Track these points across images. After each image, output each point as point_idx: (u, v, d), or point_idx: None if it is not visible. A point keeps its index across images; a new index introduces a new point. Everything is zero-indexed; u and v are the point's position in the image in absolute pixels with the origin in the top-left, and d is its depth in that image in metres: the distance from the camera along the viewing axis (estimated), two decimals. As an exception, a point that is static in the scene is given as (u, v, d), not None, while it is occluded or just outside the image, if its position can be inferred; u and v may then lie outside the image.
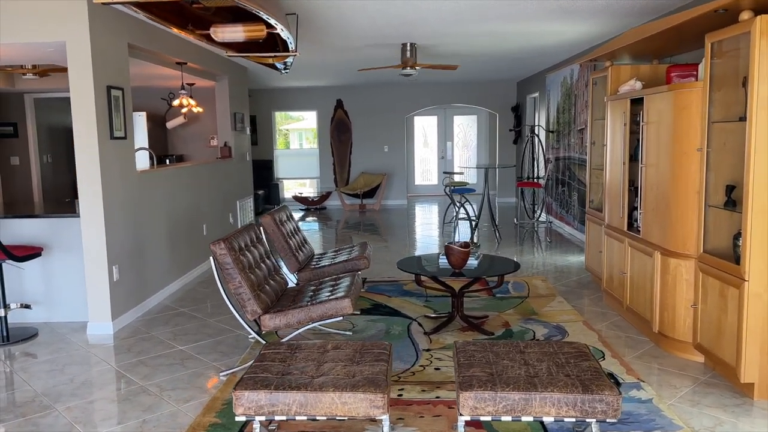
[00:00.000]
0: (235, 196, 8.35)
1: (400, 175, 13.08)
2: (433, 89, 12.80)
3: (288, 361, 2.83)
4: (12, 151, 9.32)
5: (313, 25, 5.83)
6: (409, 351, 4.18)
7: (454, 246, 4.43)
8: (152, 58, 6.07)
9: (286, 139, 14.18)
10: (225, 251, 3.71)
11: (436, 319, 4.87)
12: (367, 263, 5.03)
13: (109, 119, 4.81)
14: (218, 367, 4.01)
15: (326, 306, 3.79)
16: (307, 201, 12.40)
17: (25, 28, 4.50)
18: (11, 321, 5.00)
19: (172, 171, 6.16)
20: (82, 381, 3.84)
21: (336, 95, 12.81)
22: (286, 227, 5.22)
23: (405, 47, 7.04)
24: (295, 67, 9.09)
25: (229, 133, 8.20)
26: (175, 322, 5.04)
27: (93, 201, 4.69)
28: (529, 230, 9.34)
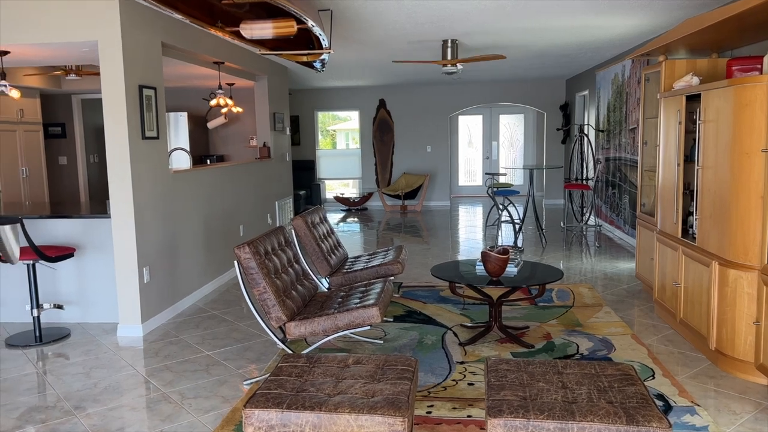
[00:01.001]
0: (273, 197, 8.28)
1: (443, 176, 12.81)
2: (478, 88, 12.48)
3: (305, 375, 2.65)
4: (60, 151, 9.52)
5: (348, 21, 5.66)
6: (441, 363, 3.95)
7: (491, 252, 4.18)
8: (188, 58, 6.02)
9: (333, 140, 14.11)
10: (249, 255, 3.57)
11: (473, 329, 4.62)
12: (400, 268, 4.82)
13: (140, 119, 4.76)
14: (243, 375, 3.88)
15: (353, 314, 3.60)
16: (348, 202, 12.28)
17: (59, 29, 4.48)
18: (45, 321, 5.02)
19: (207, 171, 6.10)
20: (105, 386, 3.77)
21: (378, 95, 12.64)
22: (319, 229, 5.07)
23: (446, 44, 6.80)
24: (335, 66, 8.96)
25: (268, 134, 8.13)
26: (205, 325, 4.96)
27: (123, 201, 4.65)
28: (576, 234, 8.94)
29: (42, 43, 4.59)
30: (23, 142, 7.91)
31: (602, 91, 9.29)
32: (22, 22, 4.49)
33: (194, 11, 3.87)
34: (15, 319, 5.11)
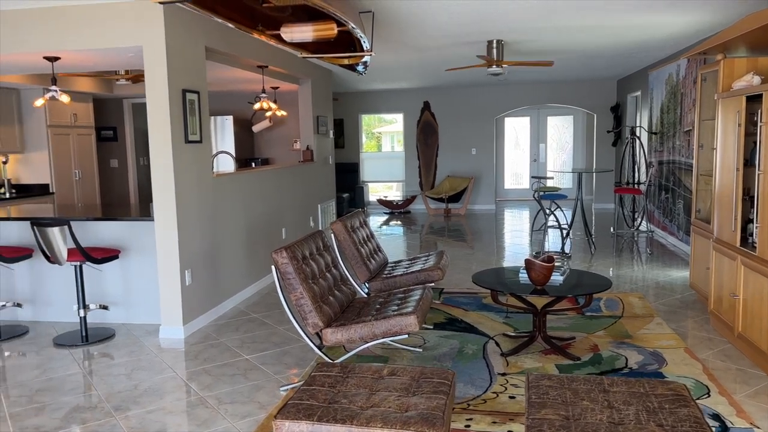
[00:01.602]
0: (316, 200, 8.28)
1: (488, 179, 12.59)
2: (526, 89, 12.23)
3: (338, 386, 2.58)
4: (111, 154, 9.78)
5: (390, 23, 5.59)
6: (482, 374, 3.82)
7: (535, 260, 4.02)
8: (232, 62, 6.07)
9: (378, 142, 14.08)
10: (287, 260, 3.54)
11: (516, 339, 4.47)
12: (440, 275, 4.71)
13: (183, 123, 4.80)
14: (280, 381, 3.85)
15: (390, 322, 3.52)
16: (391, 205, 12.21)
17: (105, 35, 4.57)
18: (91, 321, 5.12)
19: (250, 175, 6.13)
20: (145, 388, 3.79)
21: (423, 97, 12.54)
22: (359, 234, 5.01)
23: (491, 45, 6.65)
24: (378, 68, 8.92)
25: (312, 137, 8.14)
26: (245, 328, 4.96)
27: (166, 205, 4.69)
28: (627, 240, 8.62)
29: (89, 49, 4.69)
30: (76, 145, 8.14)
31: (655, 92, 8.94)
32: (71, 29, 4.59)
33: (234, 15, 3.86)
34: (63, 318, 5.24)
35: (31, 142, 7.60)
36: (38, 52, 4.80)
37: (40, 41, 4.65)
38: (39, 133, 7.58)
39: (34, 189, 7.63)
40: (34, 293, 5.26)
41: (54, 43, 4.64)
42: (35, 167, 7.64)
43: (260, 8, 4.15)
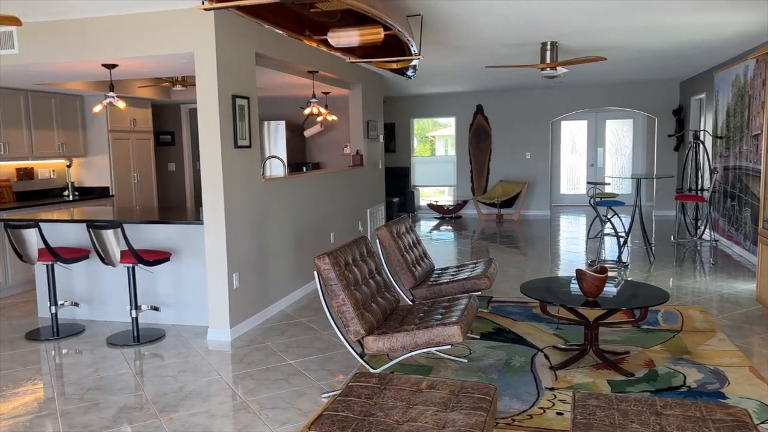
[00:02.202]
0: (365, 204, 8.27)
1: (543, 184, 12.30)
2: (583, 91, 11.88)
3: (375, 398, 2.52)
4: (169, 158, 10.06)
5: (439, 26, 5.51)
6: (529, 388, 3.69)
7: (587, 271, 3.86)
8: (282, 67, 6.12)
9: (432, 146, 13.98)
10: (329, 266, 3.51)
11: (566, 352, 4.30)
12: (488, 283, 4.59)
13: (233, 128, 4.86)
14: (322, 387, 3.82)
15: (433, 332, 3.44)
16: (442, 209, 12.09)
17: (159, 42, 4.67)
18: (143, 321, 5.25)
19: (298, 179, 6.16)
20: (190, 390, 3.84)
21: (475, 101, 12.37)
22: (404, 240, 4.95)
23: (545, 46, 6.47)
24: (429, 72, 8.84)
25: (362, 141, 8.13)
26: (290, 332, 4.97)
27: (215, 209, 4.76)
28: (689, 249, 8.23)
29: (144, 56, 4.81)
30: (135, 149, 8.41)
31: (721, 94, 8.51)
32: (127, 37, 4.72)
33: (282, 20, 3.87)
34: (117, 318, 5.39)
35: (93, 147, 7.89)
36: (97, 60, 4.96)
37: (99, 49, 4.80)
38: (100, 137, 7.86)
39: (95, 191, 7.92)
40: (91, 293, 5.43)
41: (111, 51, 4.78)
42: (97, 170, 7.93)
43: (308, 14, 4.15)
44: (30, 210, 6.58)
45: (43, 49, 4.90)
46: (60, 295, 5.46)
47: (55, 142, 7.37)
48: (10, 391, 3.88)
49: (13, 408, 3.62)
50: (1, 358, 4.51)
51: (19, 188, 7.21)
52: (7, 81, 6.14)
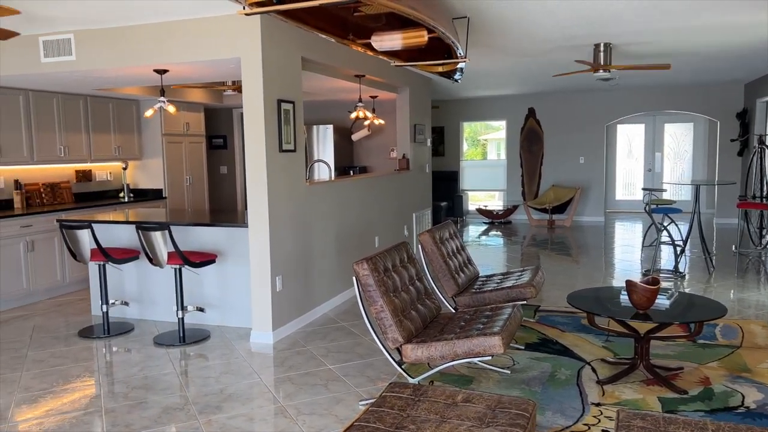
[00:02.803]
0: (411, 208, 8.21)
1: (597, 189, 11.94)
2: (640, 94, 11.48)
3: (408, 409, 2.46)
4: (221, 161, 10.26)
5: (487, 28, 5.40)
6: (574, 403, 3.54)
7: (637, 282, 3.68)
8: (329, 72, 6.13)
9: (484, 149, 13.81)
10: (368, 272, 3.47)
11: (615, 366, 4.12)
12: (534, 292, 4.45)
13: (278, 132, 4.89)
14: (360, 394, 3.78)
15: (473, 342, 3.34)
16: (491, 214, 11.90)
17: (207, 47, 4.75)
18: (189, 322, 5.34)
19: (343, 183, 6.15)
20: (231, 392, 3.86)
21: (527, 104, 12.12)
22: (448, 246, 4.86)
23: (598, 48, 6.26)
24: (478, 75, 8.71)
25: (408, 145, 8.08)
26: (332, 337, 4.96)
27: (259, 212, 4.79)
28: (753, 260, 7.81)
29: (193, 61, 4.90)
30: (188, 152, 8.61)
31: (790, 96, 8.04)
32: (177, 43, 4.82)
33: (325, 24, 3.86)
34: (165, 318, 5.50)
35: (148, 150, 8.13)
36: (148, 66, 5.09)
37: (150, 55, 4.92)
38: (155, 141, 8.08)
39: (149, 193, 8.15)
40: (140, 293, 5.57)
41: (162, 56, 4.89)
42: (151, 173, 8.16)
43: (351, 17, 4.13)
44: (87, 211, 6.81)
45: (98, 55, 5.06)
46: (111, 294, 5.62)
47: (112, 145, 7.62)
48: (60, 387, 4.00)
49: (62, 404, 3.72)
50: (55, 354, 4.67)
51: (78, 189, 7.49)
52: (67, 86, 6.38)
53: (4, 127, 6.25)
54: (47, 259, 6.34)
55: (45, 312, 5.89)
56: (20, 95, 6.40)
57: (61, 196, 7.15)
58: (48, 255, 6.35)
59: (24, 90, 6.42)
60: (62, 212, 6.52)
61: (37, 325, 5.45)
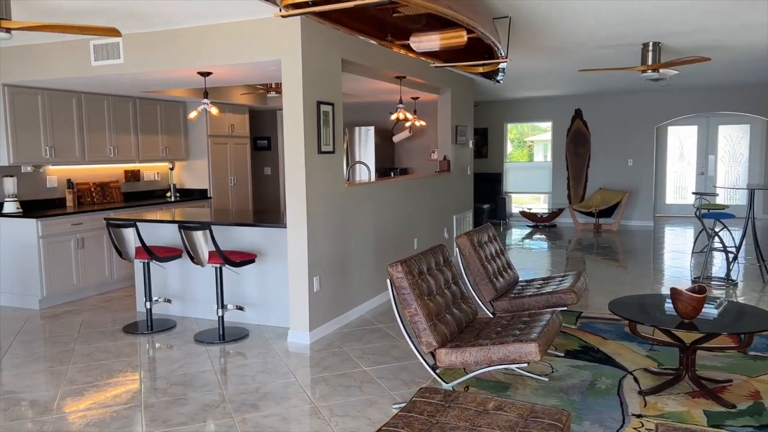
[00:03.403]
0: (451, 211, 8.14)
1: (646, 193, 11.58)
2: (692, 95, 11.09)
3: (438, 416, 2.42)
4: (265, 162, 10.41)
5: (530, 27, 5.30)
6: (613, 413, 3.43)
7: (682, 290, 3.54)
8: (369, 73, 6.13)
9: (531, 151, 13.59)
10: (402, 274, 3.44)
11: (659, 376, 3.97)
12: (574, 298, 4.34)
13: (317, 134, 4.91)
14: (393, 398, 3.75)
15: (509, 348, 3.28)
16: (535, 217, 11.69)
17: (249, 50, 4.81)
18: (229, 320, 5.43)
19: (382, 185, 6.14)
20: (266, 392, 3.90)
21: (574, 104, 11.87)
22: (486, 249, 4.79)
23: (646, 47, 6.07)
24: (521, 75, 8.57)
25: (449, 147, 8.01)
26: (368, 338, 4.95)
27: (298, 212, 4.83)
28: (812, 268, 7.41)
29: (235, 64, 4.97)
30: (232, 153, 8.76)
31: None
32: (219, 46, 4.90)
33: (361, 26, 3.85)
34: (206, 316, 5.60)
35: (194, 151, 8.31)
36: (192, 68, 5.19)
37: (194, 58, 5.02)
38: (200, 142, 8.26)
39: (194, 193, 8.33)
40: (183, 291, 5.69)
41: (205, 59, 4.98)
42: (196, 173, 8.33)
43: (390, 18, 4.11)
44: (134, 210, 7.01)
45: (144, 58, 5.19)
46: (155, 291, 5.76)
47: (160, 146, 7.82)
48: (103, 381, 4.12)
49: (104, 398, 3.83)
50: (101, 348, 4.81)
51: (127, 189, 7.71)
52: (117, 89, 6.58)
53: (57, 128, 6.49)
54: (96, 256, 6.55)
55: (93, 308, 6.08)
56: (73, 97, 6.63)
57: (111, 196, 7.37)
58: (97, 252, 6.56)
59: (77, 92, 6.66)
60: (111, 211, 6.72)
61: (85, 320, 5.63)
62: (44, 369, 4.36)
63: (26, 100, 6.16)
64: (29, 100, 6.19)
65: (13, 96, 6.03)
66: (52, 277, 6.08)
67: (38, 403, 3.76)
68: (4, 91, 5.96)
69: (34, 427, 3.43)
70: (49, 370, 4.33)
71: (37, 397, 3.84)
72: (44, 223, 5.99)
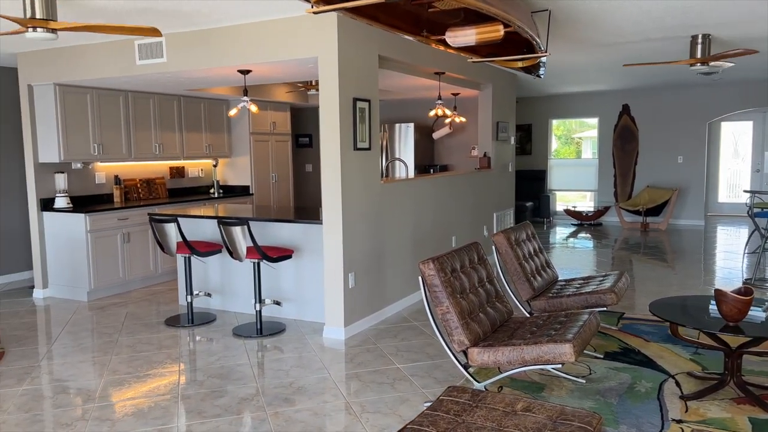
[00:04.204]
0: (492, 208, 8.03)
1: (697, 191, 11.18)
2: (748, 89, 10.63)
3: (464, 415, 2.38)
4: (306, 159, 10.51)
5: (571, 20, 5.17)
6: (652, 418, 3.32)
7: (727, 292, 3.39)
8: (407, 69, 6.10)
9: (578, 148, 13.30)
10: (434, 272, 3.41)
11: (703, 380, 3.82)
12: (614, 299, 4.22)
13: (353, 130, 4.92)
14: (426, 396, 3.73)
15: (542, 348, 3.21)
16: (580, 215, 11.44)
17: (287, 47, 4.86)
18: (267, 315, 5.50)
19: (419, 182, 6.11)
20: (299, 386, 3.93)
21: (621, 100, 11.55)
22: (524, 248, 4.71)
23: (695, 40, 5.84)
24: (565, 70, 8.38)
25: (490, 143, 7.91)
26: (403, 335, 4.94)
27: (333, 209, 4.85)
28: None
29: (274, 61, 5.02)
30: (274, 150, 8.88)
31: None
32: (258, 44, 4.96)
33: (396, 21, 3.83)
34: (245, 310, 5.70)
35: (236, 148, 8.45)
36: (233, 66, 5.27)
37: (234, 56, 5.10)
38: (243, 139, 8.39)
39: (237, 190, 8.47)
40: (223, 285, 5.79)
41: (245, 57, 5.05)
42: (239, 170, 8.48)
43: (425, 13, 4.07)
44: (178, 205, 7.18)
45: (186, 56, 5.30)
46: (196, 285, 5.88)
47: (203, 143, 7.98)
48: (143, 372, 4.23)
49: (143, 388, 3.93)
50: (143, 340, 4.95)
51: (172, 185, 7.91)
52: (161, 87, 6.75)
53: (105, 126, 6.69)
54: (141, 250, 6.74)
55: (138, 300, 6.26)
56: (120, 96, 6.84)
57: (156, 191, 7.57)
58: (142, 247, 6.75)
59: (123, 91, 6.86)
60: (156, 206, 6.90)
61: (130, 312, 5.80)
62: (89, 359, 4.51)
63: (76, 100, 6.38)
64: (79, 99, 6.41)
65: (64, 95, 6.25)
66: (99, 270, 6.29)
67: (82, 391, 3.89)
68: (56, 91, 6.19)
69: (78, 414, 3.55)
70: (94, 360, 4.47)
71: (81, 386, 3.98)
72: (92, 217, 6.19)
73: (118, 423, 3.43)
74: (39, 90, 6.26)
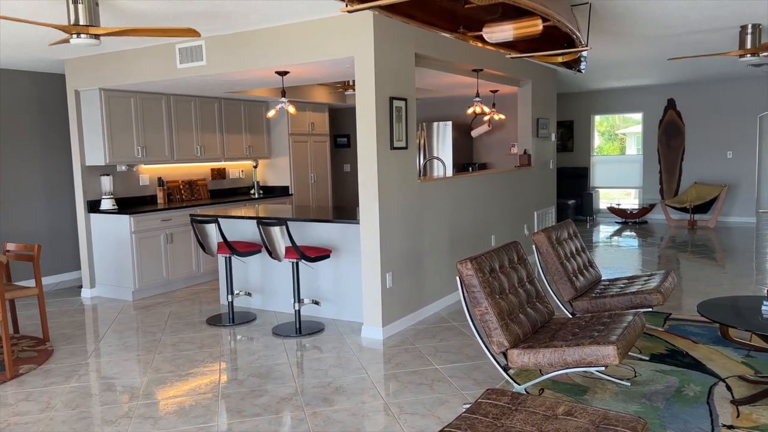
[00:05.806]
0: (532, 207, 7.90)
1: (747, 187, 10.76)
2: (802, 80, 10.18)
3: (503, 419, 2.33)
4: (345, 160, 10.54)
5: (612, 14, 5.03)
6: (702, 423, 3.19)
7: (782, 291, 3.24)
8: (445, 67, 6.05)
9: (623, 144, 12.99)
10: (472, 272, 3.36)
11: (755, 385, 3.66)
12: (660, 299, 4.09)
13: (390, 130, 4.90)
14: (464, 397, 3.68)
15: (585, 350, 3.12)
16: (624, 213, 11.15)
17: (323, 48, 4.86)
18: (305, 314, 5.53)
19: (457, 180, 6.05)
20: (337, 386, 3.93)
21: (666, 94, 11.20)
22: (565, 247, 4.60)
23: (744, 30, 5.61)
24: (607, 64, 8.17)
25: (530, 140, 7.78)
26: (441, 336, 4.89)
27: (370, 209, 4.83)
28: None
29: (311, 62, 5.04)
30: (313, 151, 8.93)
31: None
32: (295, 45, 4.99)
33: (432, 18, 3.79)
34: (284, 309, 5.74)
35: (276, 149, 8.54)
36: (270, 68, 5.31)
37: (271, 57, 5.14)
38: (282, 140, 8.47)
39: (276, 190, 8.56)
40: (263, 285, 5.85)
41: (282, 58, 5.08)
42: (278, 171, 8.56)
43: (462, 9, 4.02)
44: (219, 206, 7.29)
45: (224, 59, 5.37)
46: (236, 285, 5.96)
47: (243, 144, 8.09)
48: (185, 371, 4.30)
49: (184, 387, 4.00)
50: (185, 339, 5.03)
51: (213, 186, 8.04)
52: (202, 90, 6.86)
53: (148, 129, 6.85)
54: (184, 250, 6.87)
55: (181, 300, 6.38)
56: (162, 99, 6.98)
57: (198, 193, 7.71)
58: (185, 247, 6.88)
59: (165, 94, 7.00)
60: (198, 207, 7.02)
61: (173, 311, 5.92)
62: (134, 357, 4.61)
63: (120, 103, 6.54)
64: (123, 103, 6.57)
65: (108, 99, 6.42)
66: (144, 270, 6.43)
67: (127, 389, 3.98)
68: (101, 95, 6.36)
69: (122, 411, 3.63)
70: (138, 359, 4.57)
71: (126, 384, 4.07)
72: (136, 219, 6.34)
73: (160, 421, 3.49)
74: (85, 95, 6.44)
